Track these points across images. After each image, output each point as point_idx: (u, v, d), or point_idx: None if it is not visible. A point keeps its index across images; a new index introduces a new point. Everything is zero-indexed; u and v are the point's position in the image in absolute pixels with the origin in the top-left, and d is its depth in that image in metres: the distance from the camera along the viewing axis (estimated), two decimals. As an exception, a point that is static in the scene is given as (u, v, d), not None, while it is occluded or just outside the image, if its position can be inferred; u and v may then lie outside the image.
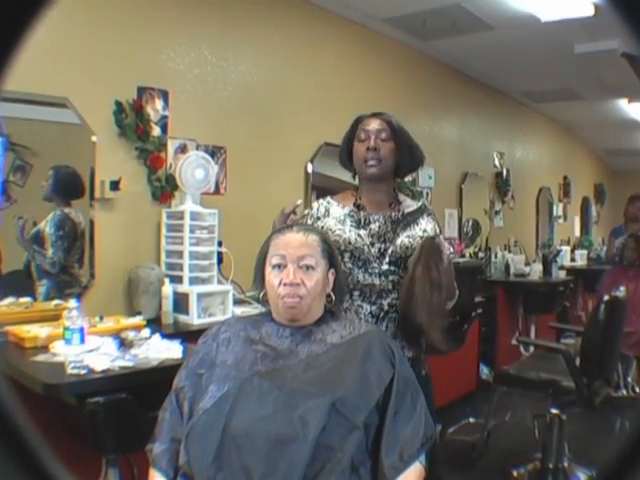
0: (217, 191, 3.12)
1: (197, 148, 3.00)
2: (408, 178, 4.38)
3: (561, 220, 7.79)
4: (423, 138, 4.96)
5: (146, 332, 2.08)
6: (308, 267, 1.37)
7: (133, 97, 2.74)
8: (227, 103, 3.23)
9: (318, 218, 1.78)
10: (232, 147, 3.22)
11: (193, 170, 2.75)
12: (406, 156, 1.78)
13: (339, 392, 1.23)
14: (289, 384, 1.25)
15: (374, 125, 1.75)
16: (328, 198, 1.84)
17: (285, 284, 1.35)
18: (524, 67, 5.22)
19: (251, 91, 3.37)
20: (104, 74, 2.64)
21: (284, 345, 1.35)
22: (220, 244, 2.89)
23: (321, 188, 3.60)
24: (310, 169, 3.69)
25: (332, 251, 1.46)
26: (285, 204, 1.71)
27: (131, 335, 2.01)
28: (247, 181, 3.30)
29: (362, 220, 1.74)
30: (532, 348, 4.57)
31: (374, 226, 1.74)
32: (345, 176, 2.03)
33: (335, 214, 1.76)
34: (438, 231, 1.82)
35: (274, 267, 1.38)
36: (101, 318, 2.28)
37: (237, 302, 2.91)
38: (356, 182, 1.87)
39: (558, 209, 7.74)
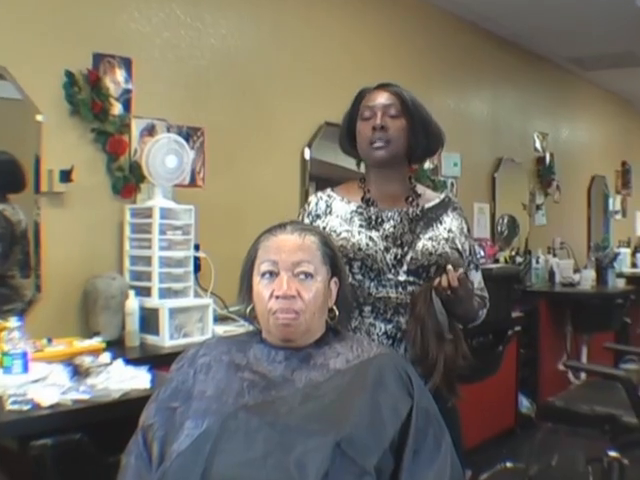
0: (193, 183, 3.13)
1: (168, 130, 3.00)
2: (428, 165, 4.39)
3: (619, 216, 7.81)
4: (446, 116, 4.98)
5: (106, 357, 2.08)
6: (305, 275, 1.38)
7: (88, 67, 2.74)
8: (205, 74, 3.24)
9: (318, 216, 1.78)
10: (211, 128, 3.22)
11: (163, 157, 2.75)
12: (420, 135, 1.77)
13: (345, 429, 1.23)
14: (283, 420, 1.25)
15: (380, 99, 1.75)
16: (328, 191, 1.84)
17: (277, 297, 1.36)
18: (572, 26, 5.22)
19: (234, 60, 3.37)
20: (51, 38, 2.64)
21: (277, 372, 1.35)
22: (197, 248, 2.90)
23: (321, 178, 3.60)
24: (307, 155, 3.69)
25: (335, 255, 1.47)
26: (277, 198, 1.71)
27: (87, 361, 2.00)
28: (230, 170, 3.30)
29: (373, 218, 1.74)
30: (583, 375, 4.56)
31: (388, 226, 1.74)
32: (351, 163, 2.04)
33: (339, 211, 1.77)
34: (466, 229, 1.82)
35: (264, 275, 1.39)
36: (49, 340, 2.28)
37: (218, 319, 2.92)
38: (362, 170, 1.87)
39: (615, 202, 7.75)
